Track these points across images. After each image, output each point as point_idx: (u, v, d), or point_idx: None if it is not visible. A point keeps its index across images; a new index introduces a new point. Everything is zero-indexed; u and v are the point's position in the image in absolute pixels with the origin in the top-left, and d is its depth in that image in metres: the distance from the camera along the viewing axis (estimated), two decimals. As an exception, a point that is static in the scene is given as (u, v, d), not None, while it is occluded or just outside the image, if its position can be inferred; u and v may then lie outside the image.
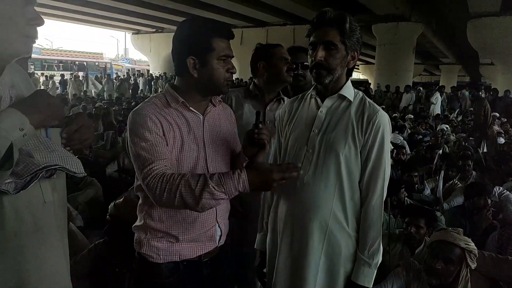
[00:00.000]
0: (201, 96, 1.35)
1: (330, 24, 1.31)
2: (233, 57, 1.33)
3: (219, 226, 1.41)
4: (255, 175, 1.16)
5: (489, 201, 3.00)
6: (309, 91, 1.49)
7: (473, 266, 1.89)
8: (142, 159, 1.20)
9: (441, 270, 1.86)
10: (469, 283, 1.89)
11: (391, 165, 1.56)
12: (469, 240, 1.91)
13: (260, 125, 1.34)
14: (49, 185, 1.03)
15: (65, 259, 1.13)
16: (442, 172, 3.59)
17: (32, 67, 17.86)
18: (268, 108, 2.06)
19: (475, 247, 1.90)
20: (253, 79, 2.13)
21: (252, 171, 1.16)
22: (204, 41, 1.26)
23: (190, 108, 1.31)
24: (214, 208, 1.36)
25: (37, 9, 0.97)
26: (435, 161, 4.52)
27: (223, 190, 1.13)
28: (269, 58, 2.03)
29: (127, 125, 1.31)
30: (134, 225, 1.39)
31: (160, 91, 1.44)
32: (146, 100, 1.35)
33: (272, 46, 2.08)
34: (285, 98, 2.12)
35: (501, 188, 3.54)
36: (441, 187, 3.45)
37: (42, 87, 15.80)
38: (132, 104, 10.52)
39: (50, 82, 16.57)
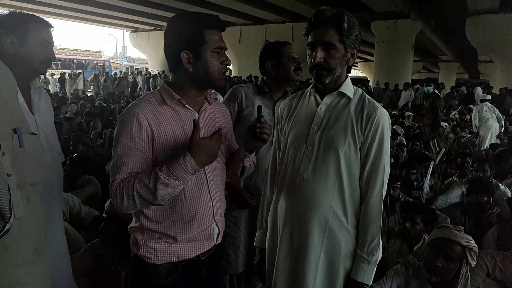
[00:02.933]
0: (197, 92, 1.33)
1: (328, 23, 1.29)
2: (226, 49, 1.31)
3: (216, 224, 1.40)
4: (197, 150, 1.17)
5: (491, 199, 2.97)
6: (308, 88, 1.48)
7: (473, 263, 1.89)
8: (114, 165, 1.22)
9: (442, 267, 1.86)
10: (469, 281, 1.89)
11: (391, 163, 1.56)
12: (470, 237, 1.91)
13: (262, 120, 1.33)
14: (22, 199, 0.94)
15: (43, 271, 1.04)
16: (430, 168, 3.55)
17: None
18: (276, 105, 2.07)
19: (476, 245, 1.90)
20: (262, 76, 2.14)
21: (193, 148, 1.17)
22: (196, 34, 1.24)
23: (186, 105, 1.30)
24: (211, 207, 1.36)
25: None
26: (438, 158, 4.52)
27: (174, 177, 1.15)
28: (277, 57, 2.03)
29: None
30: (129, 226, 1.37)
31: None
32: (141, 97, 1.33)
33: (281, 44, 2.08)
34: None
35: (495, 180, 3.55)
36: (427, 184, 3.43)
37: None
38: (131, 102, 10.49)
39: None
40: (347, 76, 1.42)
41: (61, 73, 18.38)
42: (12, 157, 0.93)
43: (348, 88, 1.40)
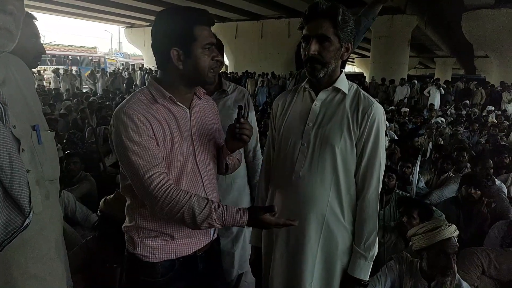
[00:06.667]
0: (186, 89, 1.31)
1: (323, 16, 1.28)
2: (215, 43, 1.29)
3: None
4: (254, 223, 1.23)
5: (482, 193, 2.99)
6: (302, 84, 1.47)
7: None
8: (137, 165, 1.16)
9: (453, 265, 1.86)
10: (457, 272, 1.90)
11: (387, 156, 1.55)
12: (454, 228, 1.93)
13: (242, 120, 1.30)
14: (41, 194, 0.96)
15: (60, 269, 1.06)
16: (418, 162, 3.56)
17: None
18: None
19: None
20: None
21: (254, 219, 1.21)
22: (186, 31, 1.21)
23: (178, 103, 1.28)
24: None
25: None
26: (429, 152, 4.53)
27: (222, 223, 1.20)
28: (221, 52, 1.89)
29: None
30: (124, 225, 1.35)
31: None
32: (129, 97, 1.29)
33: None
34: (230, 84, 2.03)
35: (492, 176, 3.56)
36: (416, 178, 3.44)
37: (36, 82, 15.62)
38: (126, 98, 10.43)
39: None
40: (341, 71, 1.41)
41: (55, 69, 18.23)
42: (31, 154, 0.95)
43: (343, 83, 1.38)
